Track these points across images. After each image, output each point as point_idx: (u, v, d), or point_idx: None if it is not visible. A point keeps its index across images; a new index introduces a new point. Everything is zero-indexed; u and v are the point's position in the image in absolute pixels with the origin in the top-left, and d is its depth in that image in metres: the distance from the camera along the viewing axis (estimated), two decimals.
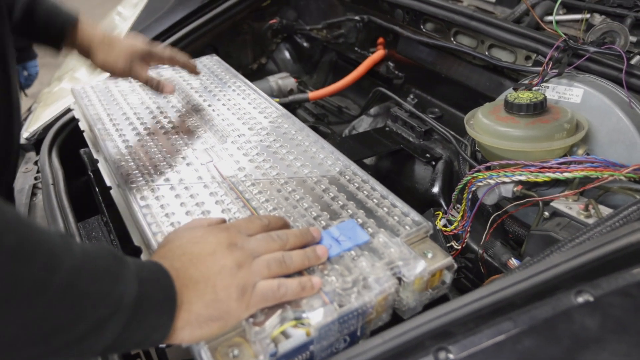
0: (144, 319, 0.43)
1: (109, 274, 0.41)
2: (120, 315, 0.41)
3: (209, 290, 0.48)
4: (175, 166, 0.75)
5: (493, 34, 0.94)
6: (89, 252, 0.41)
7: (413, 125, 1.03)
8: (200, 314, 0.47)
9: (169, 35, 1.17)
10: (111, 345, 0.42)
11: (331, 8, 1.36)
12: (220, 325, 0.48)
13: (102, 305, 0.40)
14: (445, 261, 0.61)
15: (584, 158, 0.68)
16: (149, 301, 0.44)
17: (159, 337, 0.45)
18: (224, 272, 0.49)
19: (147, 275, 0.45)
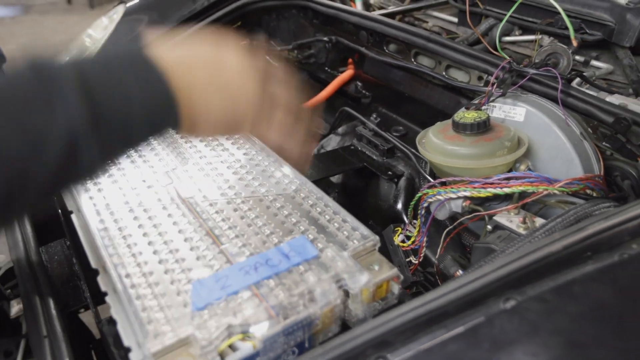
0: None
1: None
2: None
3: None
4: (135, 189, 0.80)
5: (448, 55, 1.02)
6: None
7: (376, 143, 1.09)
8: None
9: None
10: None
11: (301, 29, 1.44)
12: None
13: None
14: (391, 273, 0.66)
15: (522, 174, 0.74)
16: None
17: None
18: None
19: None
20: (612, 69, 1.06)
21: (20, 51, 0.50)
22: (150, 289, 0.61)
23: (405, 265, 0.92)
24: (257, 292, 0.61)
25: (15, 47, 3.74)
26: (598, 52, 1.11)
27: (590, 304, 0.50)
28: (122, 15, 1.34)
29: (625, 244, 0.60)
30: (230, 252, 0.67)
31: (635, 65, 1.00)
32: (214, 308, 0.59)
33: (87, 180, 0.46)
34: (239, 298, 0.60)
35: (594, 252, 0.59)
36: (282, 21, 1.46)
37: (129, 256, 0.66)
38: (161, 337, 0.55)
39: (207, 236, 0.70)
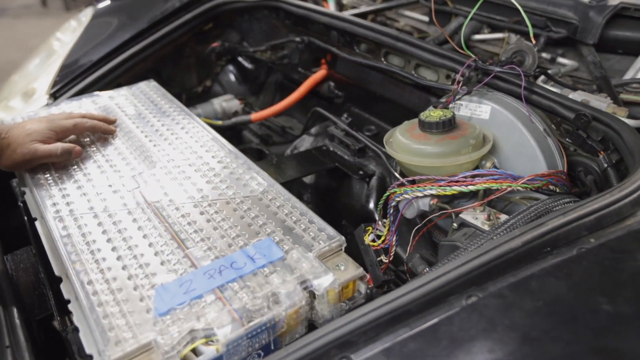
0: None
1: None
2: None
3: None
4: (101, 194, 0.79)
5: (417, 54, 1.02)
6: None
7: (348, 143, 1.09)
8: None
9: (108, 60, 1.22)
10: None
11: (274, 30, 1.44)
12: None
13: None
14: (356, 273, 0.66)
15: (487, 171, 0.75)
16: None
17: None
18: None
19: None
20: (577, 65, 1.08)
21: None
22: (112, 295, 0.61)
23: (376, 265, 0.93)
24: (221, 296, 0.61)
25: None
26: (564, 50, 1.13)
27: (545, 299, 0.51)
28: (91, 18, 1.32)
29: (583, 238, 0.61)
30: (195, 255, 0.67)
31: (598, 62, 1.02)
32: (176, 313, 0.58)
33: None
34: (202, 302, 0.60)
35: (553, 247, 0.60)
36: (254, 22, 1.45)
37: (92, 262, 0.65)
38: (122, 343, 0.55)
39: (173, 240, 0.70)
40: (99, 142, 0.93)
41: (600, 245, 0.57)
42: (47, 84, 1.18)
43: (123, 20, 1.30)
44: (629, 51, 1.04)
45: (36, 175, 0.84)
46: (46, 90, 1.16)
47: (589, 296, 0.49)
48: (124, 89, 1.12)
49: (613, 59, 1.09)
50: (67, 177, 0.83)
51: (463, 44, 0.90)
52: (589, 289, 0.50)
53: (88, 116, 0.93)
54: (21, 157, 0.82)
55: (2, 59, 3.26)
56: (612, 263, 0.54)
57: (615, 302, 0.48)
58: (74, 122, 0.89)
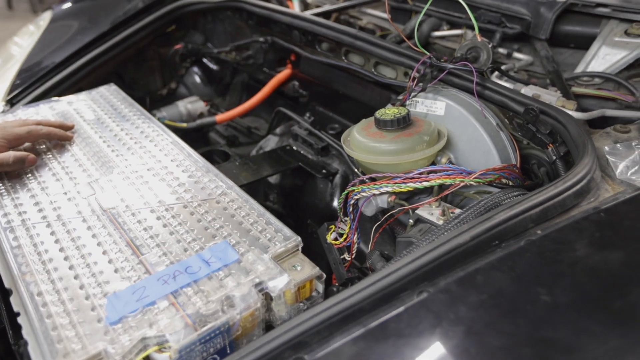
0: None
1: None
2: None
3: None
4: (55, 202, 0.77)
5: (375, 52, 1.02)
6: None
7: (311, 142, 1.09)
8: None
9: (67, 65, 1.19)
10: None
11: (238, 30, 1.42)
12: None
13: None
14: (312, 272, 0.66)
15: (441, 167, 0.75)
16: None
17: None
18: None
19: None
20: (532, 60, 1.09)
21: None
22: (63, 306, 0.59)
23: (340, 263, 0.93)
24: (174, 301, 0.60)
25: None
26: (520, 45, 1.14)
27: (490, 292, 0.51)
28: (49, 22, 1.28)
29: (530, 230, 0.62)
30: (149, 262, 0.66)
31: (551, 56, 1.04)
32: (128, 321, 0.57)
33: None
34: (155, 309, 0.59)
35: (501, 240, 0.61)
36: (218, 23, 1.43)
37: (43, 273, 0.64)
38: (71, 355, 0.53)
39: (128, 247, 0.68)
40: (55, 149, 0.91)
41: (543, 236, 0.58)
42: (3, 90, 1.14)
43: (83, 23, 1.27)
44: (580, 45, 1.05)
45: None
46: (2, 96, 1.12)
47: (529, 288, 0.50)
48: (83, 93, 1.10)
49: (566, 53, 1.11)
50: (20, 186, 0.81)
51: (416, 40, 0.91)
52: (530, 281, 0.51)
53: (43, 123, 0.91)
54: None
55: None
56: (553, 254, 0.54)
57: (553, 293, 0.48)
58: (28, 129, 0.86)
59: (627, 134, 0.77)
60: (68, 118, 1.01)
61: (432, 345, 0.48)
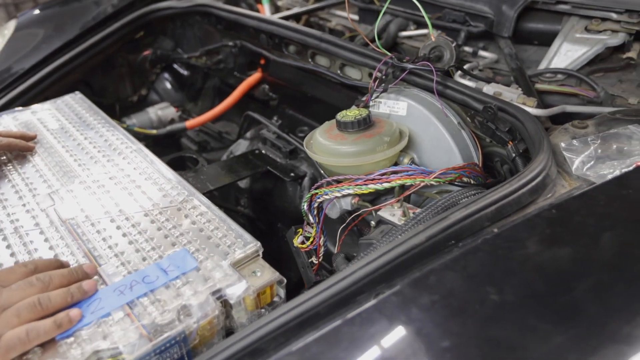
0: None
1: None
2: None
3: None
4: (14, 214, 0.75)
5: (340, 54, 1.02)
6: None
7: (279, 146, 1.08)
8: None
9: (32, 74, 1.17)
10: None
11: (207, 35, 1.41)
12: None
13: None
14: (272, 277, 0.65)
15: (401, 167, 0.75)
16: None
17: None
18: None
19: None
20: (497, 58, 1.10)
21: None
22: None
23: (308, 266, 0.92)
24: (130, 312, 0.59)
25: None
26: (485, 43, 1.15)
27: (441, 293, 0.51)
28: (13, 30, 1.26)
29: (487, 229, 0.62)
30: (106, 272, 0.65)
31: (514, 54, 1.04)
32: (81, 334, 0.56)
33: None
34: (110, 320, 0.58)
35: (457, 240, 0.60)
36: (187, 28, 1.42)
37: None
38: None
39: (85, 258, 0.67)
40: (16, 160, 0.89)
41: (498, 235, 0.58)
42: None
43: (49, 31, 1.25)
44: (543, 42, 1.06)
45: None
46: None
47: (480, 287, 0.50)
48: (47, 103, 1.08)
49: (530, 50, 1.12)
50: None
51: (377, 41, 0.91)
52: (480, 280, 0.51)
53: (3, 134, 0.89)
54: None
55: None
56: (505, 252, 0.54)
57: (502, 292, 0.48)
58: None
59: (584, 130, 0.78)
60: (31, 128, 0.99)
61: (381, 348, 0.47)
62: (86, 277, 0.62)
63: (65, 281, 0.60)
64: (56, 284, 0.59)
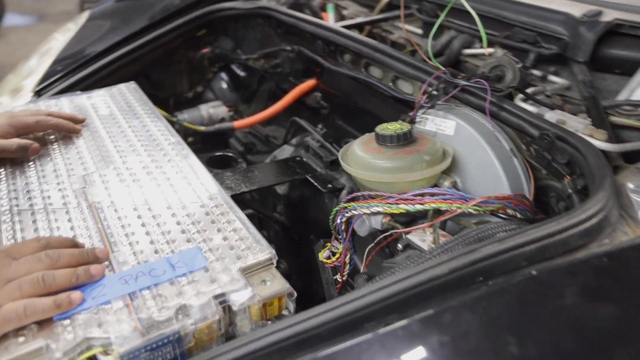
0: None
1: None
2: None
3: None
4: (47, 191, 0.78)
5: (393, 65, 0.98)
6: None
7: (321, 155, 1.06)
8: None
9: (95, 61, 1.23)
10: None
11: (267, 38, 1.42)
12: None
13: None
14: (281, 289, 0.62)
15: (438, 190, 0.70)
16: None
17: None
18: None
19: None
20: (568, 84, 1.01)
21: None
22: None
23: (332, 284, 0.88)
24: (129, 303, 0.58)
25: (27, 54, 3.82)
26: (557, 67, 1.06)
27: (453, 334, 0.45)
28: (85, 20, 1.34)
29: (523, 269, 0.55)
30: (117, 260, 0.65)
31: (589, 81, 0.95)
32: (78, 318, 0.56)
33: None
34: (108, 308, 0.57)
35: (486, 277, 0.54)
36: (248, 30, 1.44)
37: None
38: (13, 346, 0.53)
39: (101, 242, 0.68)
40: (62, 140, 0.93)
41: (532, 278, 0.51)
42: (35, 81, 1.20)
43: (116, 23, 1.32)
44: (625, 71, 0.96)
45: None
46: (32, 88, 1.17)
47: (498, 334, 0.44)
48: (103, 89, 1.13)
49: (610, 79, 1.01)
50: (19, 173, 0.83)
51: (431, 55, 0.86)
52: (501, 327, 0.45)
53: (54, 114, 0.93)
54: None
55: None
56: (537, 299, 0.48)
57: (524, 344, 0.42)
58: (37, 119, 0.89)
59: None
60: (83, 112, 1.03)
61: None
62: (96, 261, 0.62)
63: (74, 261, 0.60)
64: (64, 262, 0.59)
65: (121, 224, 0.71)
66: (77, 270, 0.59)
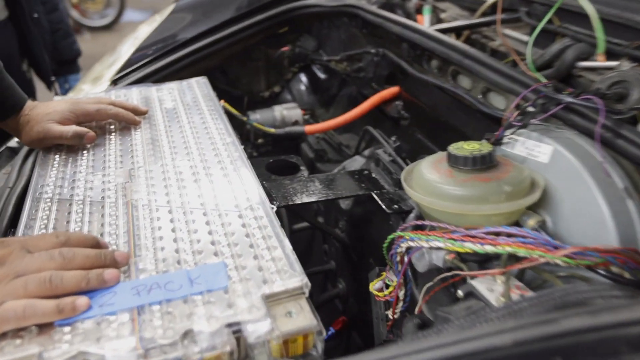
0: None
1: None
2: None
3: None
4: (92, 182, 0.77)
5: (483, 74, 0.85)
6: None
7: (391, 170, 0.96)
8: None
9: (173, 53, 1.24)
10: None
11: (352, 39, 1.35)
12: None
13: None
14: (306, 325, 0.54)
15: (517, 231, 0.57)
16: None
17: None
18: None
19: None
20: None
21: None
22: None
23: (382, 319, 0.78)
24: (135, 318, 0.53)
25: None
26: None
27: None
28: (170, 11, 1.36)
29: (622, 357, 0.41)
30: (137, 265, 0.60)
31: None
32: (80, 326, 0.52)
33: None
34: (113, 320, 0.53)
35: (566, 357, 0.41)
36: (332, 29, 1.38)
37: None
38: (8, 348, 0.50)
39: (126, 244, 0.64)
40: (121, 131, 0.93)
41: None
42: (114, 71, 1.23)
43: (198, 16, 1.32)
44: None
45: (48, 154, 0.86)
46: (110, 76, 1.21)
47: None
48: (174, 83, 1.12)
49: None
50: (72, 161, 0.84)
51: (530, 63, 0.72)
52: None
53: (116, 104, 0.93)
54: (36, 134, 0.84)
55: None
56: None
57: None
58: (98, 107, 0.89)
59: None
60: (149, 104, 1.03)
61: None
62: (114, 265, 0.59)
63: (89, 263, 0.57)
64: (77, 264, 0.56)
65: (152, 226, 0.67)
66: (90, 274, 0.55)
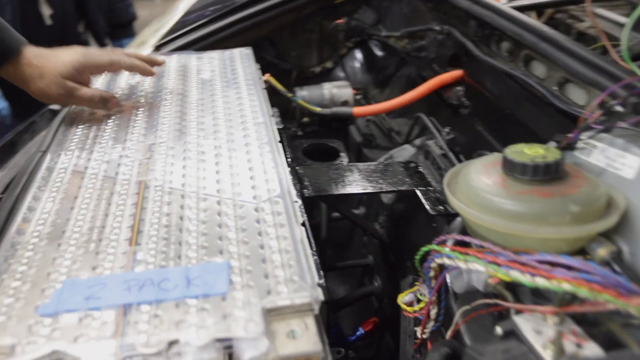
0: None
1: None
2: None
3: None
4: (110, 154, 0.74)
5: (562, 61, 0.73)
6: None
7: (440, 166, 0.86)
8: None
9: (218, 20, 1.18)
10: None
11: (415, 14, 1.23)
12: None
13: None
14: (309, 349, 0.47)
15: (580, 264, 0.46)
16: None
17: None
18: None
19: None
20: None
21: None
22: (20, 279, 0.53)
23: (410, 336, 0.70)
24: (120, 318, 0.48)
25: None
26: None
27: None
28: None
29: None
30: (136, 256, 0.56)
31: None
32: (61, 319, 0.48)
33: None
34: (97, 316, 0.49)
35: None
36: (394, 2, 1.26)
37: (29, 233, 0.59)
38: None
39: (129, 229, 0.60)
40: (151, 102, 0.89)
41: None
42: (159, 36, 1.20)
43: None
44: None
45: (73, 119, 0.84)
46: (154, 42, 1.17)
47: None
48: (216, 52, 1.07)
49: None
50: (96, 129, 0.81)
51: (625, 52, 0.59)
52: None
53: (131, 55, 0.89)
54: (56, 93, 0.81)
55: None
56: None
57: None
58: (110, 58, 0.85)
59: None
60: (186, 73, 0.98)
61: None
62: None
63: None
64: None
65: (160, 212, 0.62)
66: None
